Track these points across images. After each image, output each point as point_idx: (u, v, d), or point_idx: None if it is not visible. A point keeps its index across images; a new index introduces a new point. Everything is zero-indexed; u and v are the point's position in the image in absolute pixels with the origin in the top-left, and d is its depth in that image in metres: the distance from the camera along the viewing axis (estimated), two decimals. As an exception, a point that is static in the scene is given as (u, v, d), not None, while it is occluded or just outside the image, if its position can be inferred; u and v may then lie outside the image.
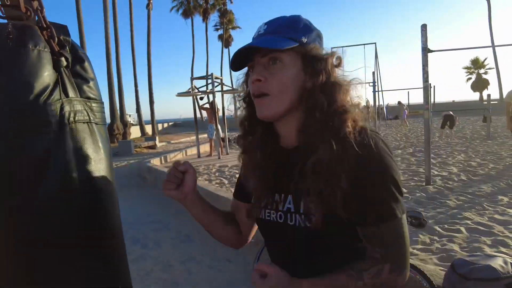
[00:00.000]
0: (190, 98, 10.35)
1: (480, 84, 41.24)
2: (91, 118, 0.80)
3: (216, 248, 3.77)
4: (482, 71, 41.97)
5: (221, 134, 9.93)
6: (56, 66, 0.74)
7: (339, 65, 0.76)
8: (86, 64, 0.82)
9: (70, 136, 0.74)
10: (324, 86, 0.73)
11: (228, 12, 43.34)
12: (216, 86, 9.76)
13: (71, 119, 0.74)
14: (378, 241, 0.72)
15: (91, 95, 0.82)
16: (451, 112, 11.07)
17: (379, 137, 0.74)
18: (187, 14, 39.76)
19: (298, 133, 0.77)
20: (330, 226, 0.72)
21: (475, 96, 41.98)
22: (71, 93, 0.76)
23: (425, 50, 4.81)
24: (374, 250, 0.73)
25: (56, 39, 0.75)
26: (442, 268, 2.26)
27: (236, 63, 0.78)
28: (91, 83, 0.82)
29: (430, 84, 5.09)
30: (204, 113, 10.59)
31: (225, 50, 45.36)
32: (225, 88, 10.35)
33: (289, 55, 0.73)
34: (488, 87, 40.85)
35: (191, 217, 0.92)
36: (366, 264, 0.73)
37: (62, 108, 0.73)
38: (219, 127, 9.68)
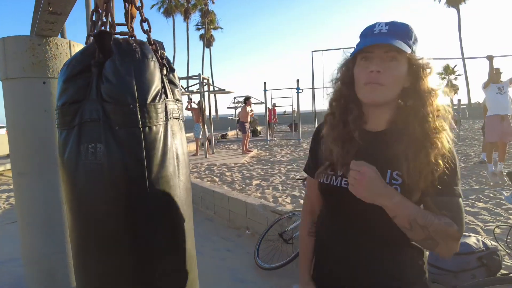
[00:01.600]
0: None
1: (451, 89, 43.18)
2: (180, 115, 1.04)
3: (214, 240, 3.99)
4: (452, 77, 44.05)
5: (207, 134, 10.10)
6: (161, 74, 0.97)
7: (430, 73, 0.89)
8: (175, 73, 1.06)
9: (170, 129, 0.97)
10: (419, 89, 0.87)
11: (210, 13, 43.31)
12: (202, 86, 9.92)
13: (171, 115, 0.98)
14: (451, 207, 0.84)
15: (179, 97, 1.06)
16: None
17: (453, 139, 0.90)
18: (168, 13, 39.43)
19: (390, 121, 0.91)
20: (410, 195, 0.84)
21: (446, 100, 43.86)
22: (169, 95, 1.00)
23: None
24: (444, 212, 0.83)
25: (159, 52, 0.98)
26: (424, 250, 2.60)
27: (355, 50, 0.89)
28: (178, 88, 1.06)
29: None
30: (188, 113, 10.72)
31: (206, 50, 45.29)
32: (210, 88, 10.53)
33: (403, 57, 0.86)
34: (458, 92, 42.93)
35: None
36: (441, 215, 0.83)
37: (166, 106, 0.96)
38: (205, 126, 9.85)
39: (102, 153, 0.88)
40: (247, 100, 11.33)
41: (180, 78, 10.57)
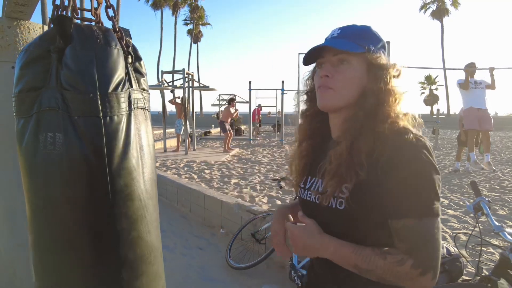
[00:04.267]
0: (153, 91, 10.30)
1: (431, 99, 44.57)
2: (146, 106, 1.01)
3: (187, 237, 3.94)
4: (433, 87, 45.37)
5: (189, 130, 9.99)
6: (125, 62, 0.94)
7: (398, 76, 0.83)
8: (142, 62, 1.02)
9: (134, 119, 0.94)
10: (379, 92, 0.80)
11: (199, 8, 42.95)
12: (186, 82, 9.82)
13: (135, 105, 0.95)
14: (406, 236, 0.72)
15: (145, 87, 1.03)
16: None
17: (424, 141, 0.77)
18: (156, 5, 38.85)
19: (341, 126, 0.84)
20: (360, 213, 0.77)
21: (427, 109, 45.18)
22: (134, 85, 0.96)
23: (387, 65, 5.31)
24: (400, 244, 0.73)
25: (125, 40, 0.95)
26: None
27: (308, 59, 0.87)
28: (145, 77, 1.03)
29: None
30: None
31: (194, 46, 44.88)
32: (195, 84, 10.43)
33: (356, 58, 0.81)
34: (438, 102, 44.27)
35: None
36: (393, 250, 0.74)
37: (130, 96, 0.93)
38: (187, 122, 9.74)
39: (61, 143, 0.85)
40: (231, 101, 11.29)
41: (164, 72, 10.42)
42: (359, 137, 0.78)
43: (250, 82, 12.50)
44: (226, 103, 12.25)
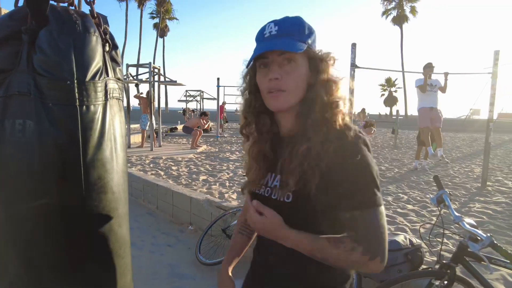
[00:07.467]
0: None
1: (391, 100, 46.80)
2: (120, 96, 0.98)
3: (155, 234, 3.85)
4: (393, 89, 47.66)
5: (154, 126, 9.73)
6: (102, 50, 0.90)
7: (333, 64, 0.86)
8: (118, 50, 0.99)
9: (109, 109, 0.91)
10: (324, 83, 0.83)
11: (166, 2, 41.84)
12: (153, 76, 9.54)
13: (110, 94, 0.92)
14: (354, 226, 0.77)
15: (120, 77, 0.99)
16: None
17: (363, 137, 0.83)
18: (121, -4, 37.33)
19: (296, 123, 0.86)
20: (305, 205, 0.81)
21: (387, 110, 47.33)
22: (110, 74, 0.93)
23: (353, 66, 5.51)
24: (350, 233, 0.78)
25: (102, 27, 0.91)
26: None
27: (250, 60, 0.84)
28: (120, 67, 1.00)
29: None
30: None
31: (160, 40, 43.68)
32: (161, 78, 10.16)
33: (300, 55, 0.81)
34: (397, 103, 46.57)
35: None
36: (346, 238, 0.78)
37: (106, 85, 0.90)
38: (153, 118, 9.48)
39: (32, 130, 0.80)
40: (203, 115, 11.39)
41: (129, 66, 10.05)
42: (315, 130, 0.81)
43: (218, 79, 12.40)
44: (198, 115, 12.03)
